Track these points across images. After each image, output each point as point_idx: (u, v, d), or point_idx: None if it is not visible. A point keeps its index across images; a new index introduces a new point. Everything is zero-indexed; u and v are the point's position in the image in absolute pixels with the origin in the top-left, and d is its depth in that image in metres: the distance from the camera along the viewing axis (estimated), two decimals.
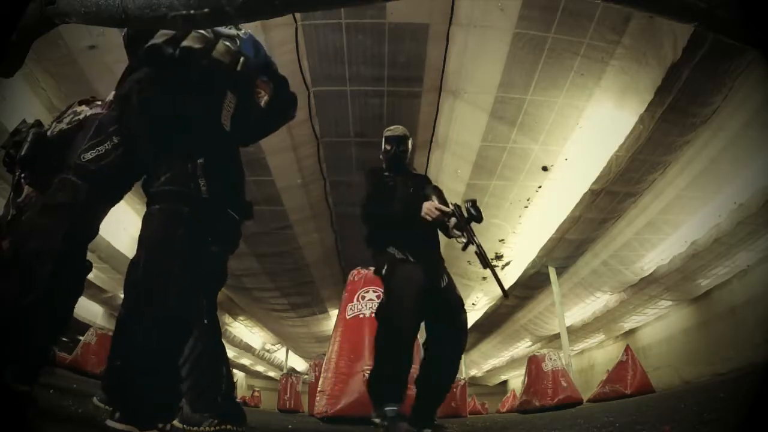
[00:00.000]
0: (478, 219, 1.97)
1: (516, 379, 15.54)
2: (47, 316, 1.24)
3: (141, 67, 1.47)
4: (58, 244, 1.25)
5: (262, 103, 1.66)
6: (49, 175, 1.45)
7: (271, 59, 1.79)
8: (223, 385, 1.76)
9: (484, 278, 7.99)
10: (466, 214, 1.98)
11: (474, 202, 1.99)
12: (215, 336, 1.90)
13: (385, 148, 2.43)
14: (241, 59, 1.52)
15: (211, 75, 1.46)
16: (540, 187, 5.65)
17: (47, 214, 1.28)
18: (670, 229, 6.02)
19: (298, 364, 16.15)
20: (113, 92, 1.45)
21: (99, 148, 1.33)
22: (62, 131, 1.64)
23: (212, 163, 1.41)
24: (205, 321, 1.81)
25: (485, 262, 1.90)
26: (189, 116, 1.40)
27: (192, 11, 1.37)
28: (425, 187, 2.35)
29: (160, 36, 1.42)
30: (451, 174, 5.62)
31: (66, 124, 1.49)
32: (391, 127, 2.51)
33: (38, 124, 2.17)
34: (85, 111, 1.63)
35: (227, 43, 1.50)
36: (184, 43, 1.40)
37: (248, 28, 1.74)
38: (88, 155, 1.32)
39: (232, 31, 1.59)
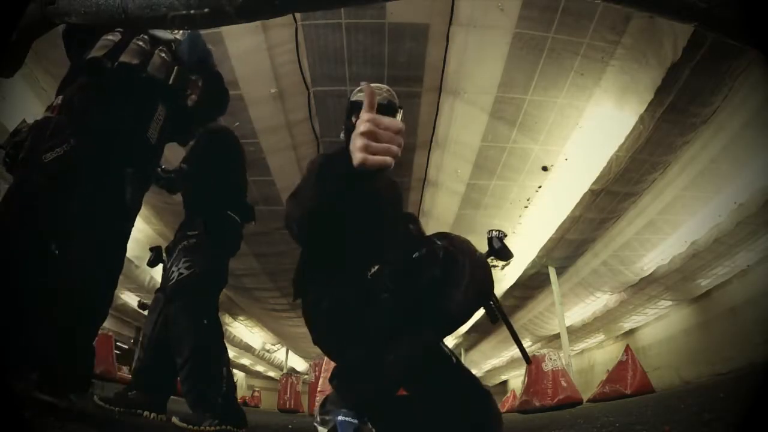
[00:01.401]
0: (504, 256, 1.38)
1: (516, 379, 15.54)
2: (34, 316, 1.24)
3: (81, 73, 1.51)
4: (25, 241, 1.25)
5: (190, 103, 1.71)
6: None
7: (208, 52, 1.82)
8: (224, 386, 1.77)
9: None
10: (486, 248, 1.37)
11: (502, 235, 1.39)
12: (216, 337, 1.91)
13: (349, 123, 1.45)
14: (175, 71, 1.59)
15: (144, 90, 1.54)
16: (540, 187, 5.65)
17: (14, 212, 1.28)
18: (670, 229, 6.02)
19: (298, 364, 16.14)
20: (60, 96, 1.49)
21: (58, 149, 1.35)
22: None
23: (137, 174, 1.53)
24: (205, 321, 1.82)
25: (498, 317, 1.25)
26: (118, 129, 1.48)
27: (192, 11, 1.37)
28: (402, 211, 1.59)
29: (100, 48, 1.46)
30: (451, 174, 5.62)
31: (51, 113, 1.52)
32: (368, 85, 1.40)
33: None
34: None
35: (162, 55, 1.56)
36: (122, 59, 1.46)
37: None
38: (49, 155, 1.34)
39: (169, 36, 1.64)
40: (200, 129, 2.11)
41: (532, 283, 8.18)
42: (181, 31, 1.68)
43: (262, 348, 14.20)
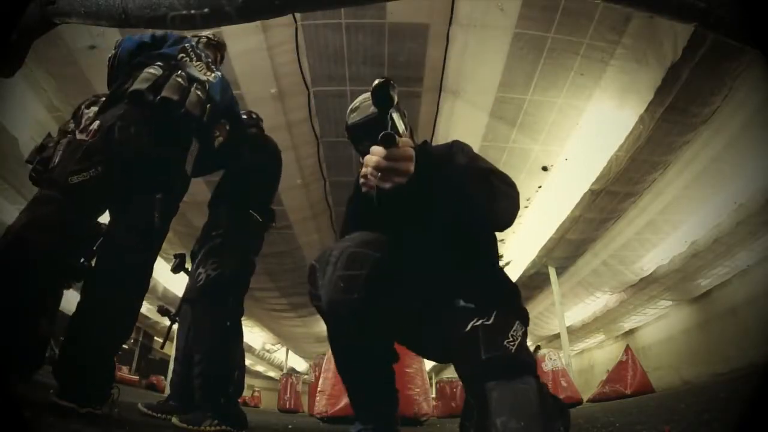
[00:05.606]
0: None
1: None
2: (32, 318, 1.28)
3: (123, 101, 1.58)
4: (40, 256, 1.30)
5: (216, 144, 1.82)
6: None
7: (235, 99, 1.96)
8: (230, 387, 1.78)
9: None
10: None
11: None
12: (236, 340, 1.95)
13: (358, 148, 1.31)
14: (208, 108, 1.70)
15: (182, 125, 1.63)
16: (540, 187, 5.65)
17: (31, 226, 1.33)
18: (670, 229, 6.02)
19: (298, 364, 16.14)
20: (97, 120, 1.55)
21: (84, 174, 1.42)
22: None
23: (169, 200, 1.61)
24: (228, 323, 1.87)
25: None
26: (157, 159, 1.56)
27: (192, 11, 1.38)
28: None
29: (142, 81, 1.55)
30: None
31: (86, 136, 1.56)
32: (358, 104, 1.32)
33: (62, 134, 2.28)
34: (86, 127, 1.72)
35: (198, 93, 1.66)
36: (164, 94, 1.55)
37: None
38: (75, 179, 1.41)
39: (204, 77, 1.75)
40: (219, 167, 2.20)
41: (532, 283, 8.17)
42: (213, 74, 1.80)
43: (262, 348, 14.19)
